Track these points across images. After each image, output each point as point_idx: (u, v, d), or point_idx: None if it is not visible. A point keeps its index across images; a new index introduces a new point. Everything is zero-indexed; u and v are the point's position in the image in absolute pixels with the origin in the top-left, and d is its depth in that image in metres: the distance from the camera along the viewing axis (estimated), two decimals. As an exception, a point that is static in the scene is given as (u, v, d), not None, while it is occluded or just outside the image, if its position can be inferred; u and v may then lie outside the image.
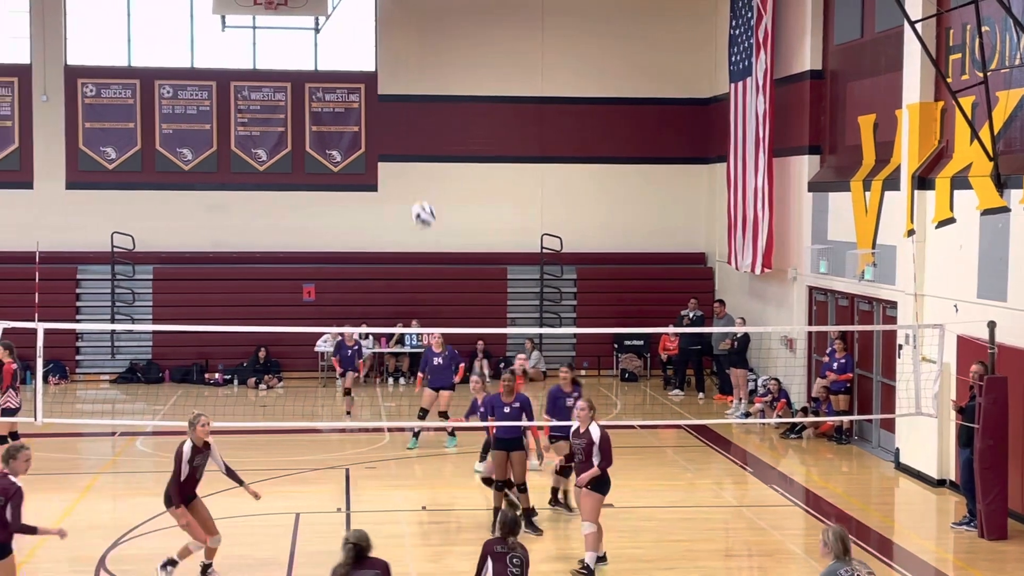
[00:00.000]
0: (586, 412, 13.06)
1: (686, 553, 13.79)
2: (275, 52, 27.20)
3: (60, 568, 13.18)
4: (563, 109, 27.51)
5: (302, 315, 25.68)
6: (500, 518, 10.17)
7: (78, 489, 16.50)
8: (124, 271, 26.26)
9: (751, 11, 23.50)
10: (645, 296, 26.78)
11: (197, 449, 12.58)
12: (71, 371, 25.81)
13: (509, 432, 14.63)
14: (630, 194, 27.75)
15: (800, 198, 22.39)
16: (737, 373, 22.67)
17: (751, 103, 23.53)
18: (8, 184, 26.29)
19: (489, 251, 27.34)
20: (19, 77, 26.32)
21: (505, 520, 10.00)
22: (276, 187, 27.04)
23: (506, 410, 14.72)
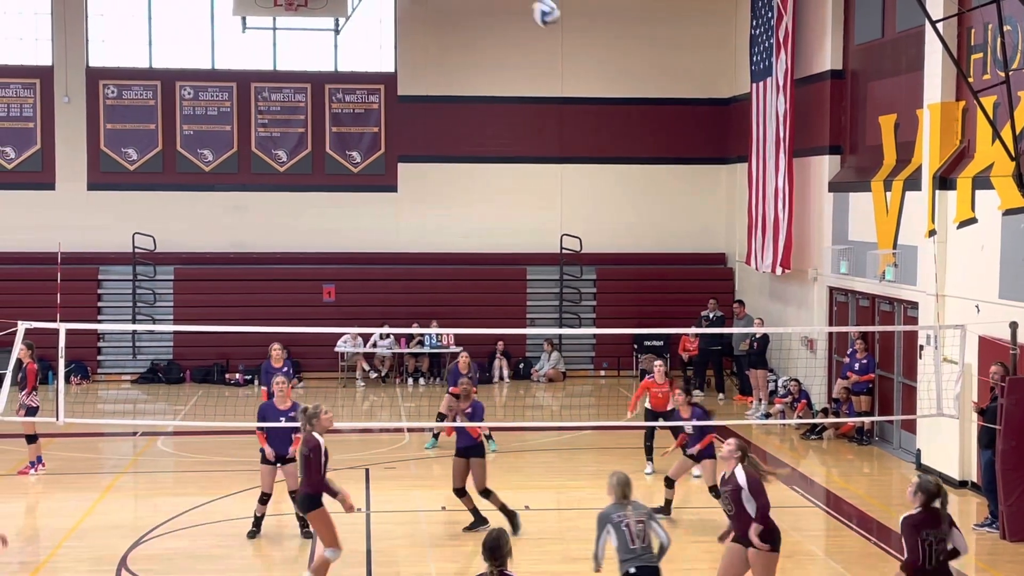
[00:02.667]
0: (732, 453, 10.79)
1: (706, 554, 13.75)
2: (295, 53, 27.28)
3: (81, 567, 13.23)
4: (583, 109, 27.49)
5: (322, 315, 25.73)
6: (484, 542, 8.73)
7: (99, 489, 16.58)
8: (145, 272, 26.37)
9: (771, 11, 23.43)
10: (665, 297, 26.73)
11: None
12: (93, 371, 25.94)
13: (466, 439, 14.32)
14: (650, 194, 27.71)
15: (820, 198, 22.32)
16: (757, 374, 22.61)
17: (771, 103, 23.46)
18: (30, 185, 26.45)
19: (509, 252, 27.35)
20: (41, 79, 26.47)
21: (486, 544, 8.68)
22: (296, 188, 27.11)
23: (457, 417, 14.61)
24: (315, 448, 11.65)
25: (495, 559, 8.54)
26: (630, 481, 9.79)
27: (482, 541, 8.70)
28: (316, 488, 11.68)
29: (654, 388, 17.54)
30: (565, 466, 18.16)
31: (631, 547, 9.48)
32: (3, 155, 26.48)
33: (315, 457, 11.62)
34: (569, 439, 19.92)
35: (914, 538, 9.44)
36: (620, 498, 9.66)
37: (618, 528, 9.54)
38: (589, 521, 14.96)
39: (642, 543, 9.51)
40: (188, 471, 17.50)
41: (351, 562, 13.38)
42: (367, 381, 25.70)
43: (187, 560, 13.46)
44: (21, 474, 17.21)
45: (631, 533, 9.49)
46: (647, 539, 9.55)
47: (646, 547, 9.52)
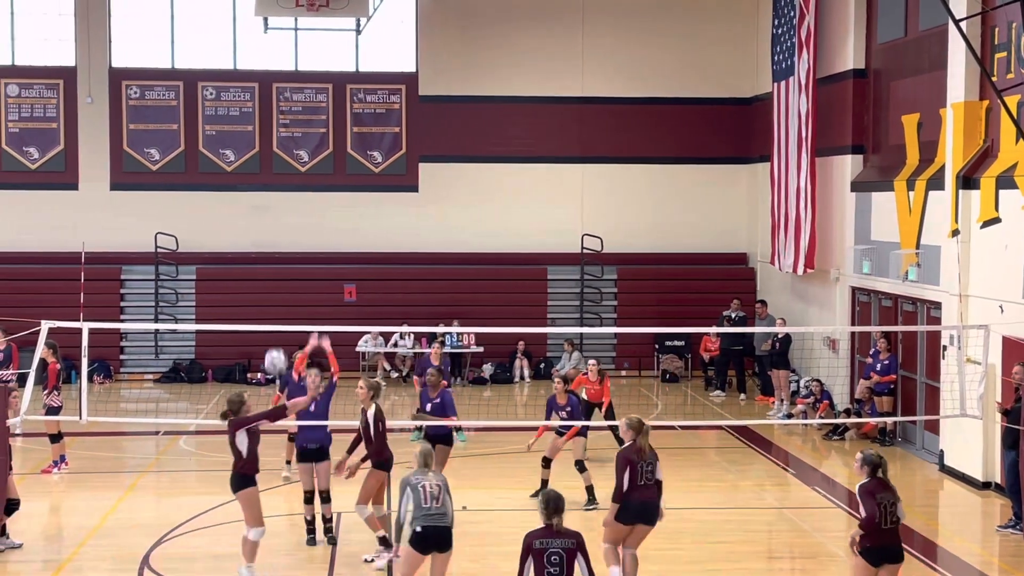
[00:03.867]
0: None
1: (728, 555, 13.73)
2: (317, 54, 27.34)
3: (104, 566, 13.30)
4: (604, 109, 27.46)
5: (343, 315, 25.73)
6: (543, 496, 9.58)
7: (122, 487, 16.65)
8: (167, 271, 26.47)
9: (793, 10, 23.36)
10: (686, 296, 26.68)
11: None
12: (115, 371, 26.06)
13: (435, 427, 15.02)
14: (671, 194, 27.66)
15: (843, 198, 22.23)
16: (779, 374, 22.54)
17: (794, 102, 23.39)
18: (53, 185, 26.60)
19: (530, 251, 27.35)
20: (64, 79, 26.61)
21: (548, 499, 9.45)
22: (318, 188, 27.18)
23: (428, 407, 15.30)
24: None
25: (559, 513, 9.30)
26: (432, 452, 11.06)
27: (545, 498, 9.46)
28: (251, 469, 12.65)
29: (587, 383, 18.53)
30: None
31: (424, 505, 10.55)
32: (27, 155, 26.63)
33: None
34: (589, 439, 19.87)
35: (872, 501, 10.52)
36: (421, 466, 10.85)
37: (415, 489, 10.62)
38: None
39: (437, 504, 10.56)
40: (210, 470, 17.54)
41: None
42: (388, 380, 25.73)
43: (209, 559, 13.50)
44: (44, 473, 17.30)
45: (426, 493, 10.58)
46: (443, 503, 10.62)
47: (441, 508, 10.57)
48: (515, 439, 18.92)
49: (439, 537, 10.63)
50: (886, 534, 10.55)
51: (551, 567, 9.17)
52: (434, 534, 10.60)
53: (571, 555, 9.21)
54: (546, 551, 9.22)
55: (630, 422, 11.75)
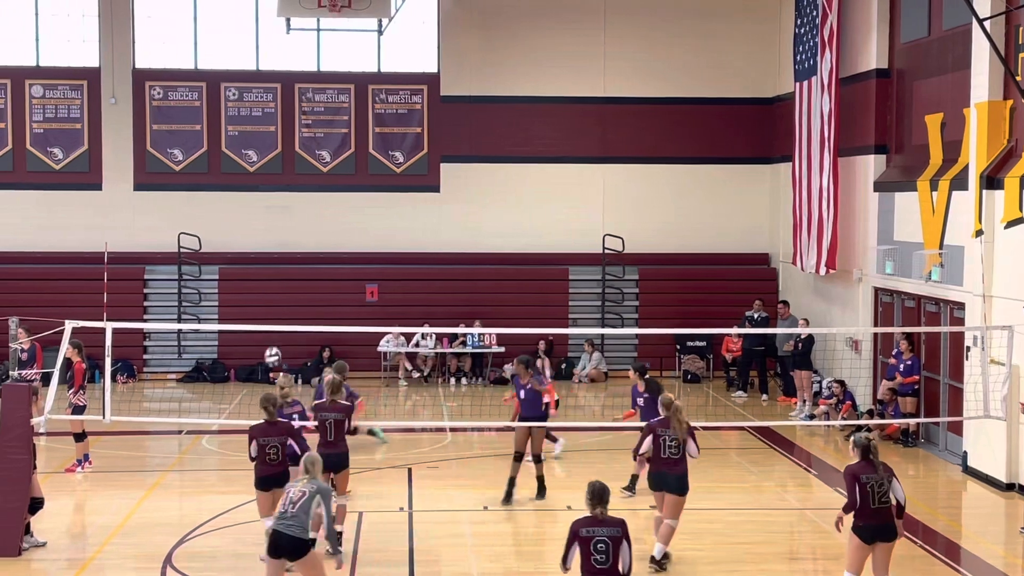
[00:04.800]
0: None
1: (749, 556, 13.70)
2: (339, 54, 27.41)
3: (127, 564, 13.37)
4: (625, 109, 27.43)
5: (365, 315, 25.81)
6: (589, 487, 9.86)
7: (145, 486, 16.73)
8: (190, 271, 26.58)
9: (816, 10, 23.29)
10: (708, 297, 26.62)
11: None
12: (139, 370, 26.18)
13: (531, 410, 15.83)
14: (693, 194, 27.62)
15: (866, 198, 22.15)
16: (801, 375, 22.47)
17: (816, 102, 23.32)
18: (78, 185, 26.74)
19: (551, 252, 27.34)
20: (88, 80, 26.76)
21: (594, 490, 9.78)
22: (339, 188, 27.24)
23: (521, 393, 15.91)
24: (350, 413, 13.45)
25: (604, 503, 9.65)
26: (318, 461, 11.10)
27: (593, 489, 9.73)
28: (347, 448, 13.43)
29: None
30: (606, 467, 18.09)
31: (281, 511, 10.66)
32: (51, 156, 26.79)
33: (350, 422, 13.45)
34: (610, 439, 19.90)
35: (854, 482, 11.05)
36: (303, 473, 10.93)
37: (284, 494, 10.83)
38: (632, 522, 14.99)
39: (294, 509, 10.56)
40: (232, 469, 17.62)
41: (394, 561, 13.44)
42: (409, 381, 25.78)
43: (231, 558, 13.55)
44: (68, 472, 17.40)
45: (287, 498, 10.69)
46: (302, 508, 10.58)
47: (297, 515, 10.55)
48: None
49: (288, 544, 10.53)
50: (877, 513, 10.98)
51: (597, 554, 9.46)
52: (282, 540, 10.54)
53: (616, 542, 9.54)
54: (593, 539, 9.52)
55: (663, 399, 13.27)
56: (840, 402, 21.19)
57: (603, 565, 9.47)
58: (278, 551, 10.56)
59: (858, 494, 10.96)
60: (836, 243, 22.62)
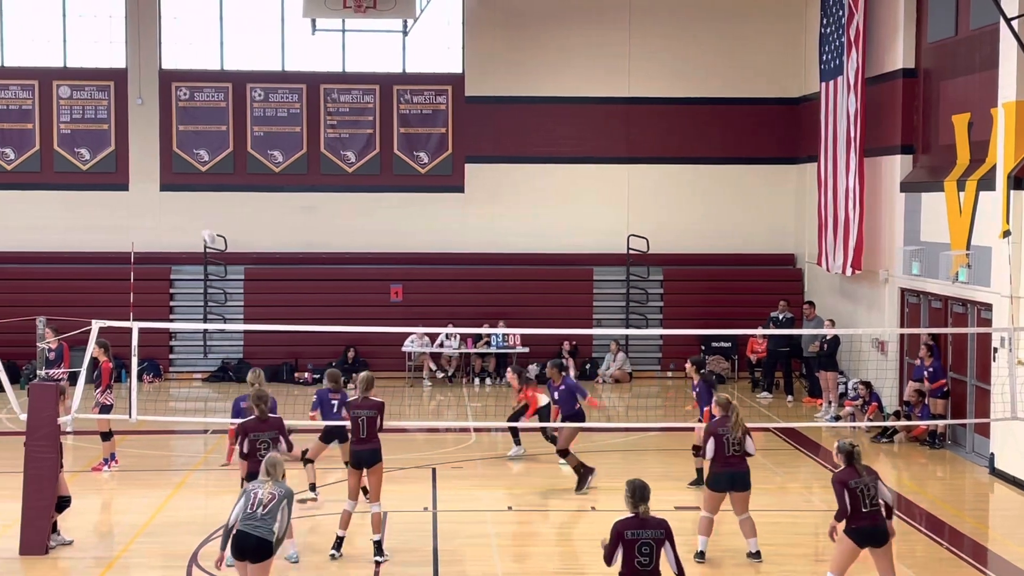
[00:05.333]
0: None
1: (775, 557, 13.66)
2: (364, 55, 27.47)
3: (153, 563, 13.43)
4: (650, 109, 27.39)
5: (389, 315, 25.87)
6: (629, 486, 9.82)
7: (170, 485, 16.80)
8: (216, 271, 26.69)
9: (842, 9, 23.19)
10: (733, 297, 26.55)
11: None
12: (165, 370, 26.30)
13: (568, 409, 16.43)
14: (718, 195, 27.54)
15: (892, 198, 22.04)
16: (827, 376, 22.37)
17: (842, 102, 23.22)
18: (104, 186, 26.90)
19: (575, 252, 27.32)
20: (115, 81, 26.91)
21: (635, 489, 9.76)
22: (364, 189, 27.30)
23: (555, 395, 16.46)
24: (382, 410, 13.35)
25: (645, 500, 9.68)
26: (280, 463, 10.82)
27: (633, 487, 9.75)
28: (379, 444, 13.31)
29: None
30: (631, 468, 18.04)
31: (249, 511, 10.45)
32: (79, 156, 26.95)
33: (382, 419, 13.29)
34: (635, 440, 19.86)
35: (843, 489, 11.14)
36: (264, 475, 10.73)
37: (247, 495, 10.55)
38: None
39: (263, 511, 10.41)
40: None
41: (418, 561, 13.46)
42: (434, 381, 25.82)
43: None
44: (95, 471, 17.50)
45: (255, 500, 10.46)
46: (272, 512, 10.44)
47: (265, 517, 10.41)
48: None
49: (254, 545, 10.41)
50: (867, 516, 11.13)
51: (641, 556, 9.54)
52: (249, 542, 10.42)
53: (659, 544, 9.64)
54: (637, 542, 9.56)
55: (720, 399, 13.54)
56: (866, 403, 21.09)
57: (646, 568, 9.57)
58: (243, 552, 10.44)
59: (848, 500, 11.12)
60: (862, 244, 22.52)
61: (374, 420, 13.27)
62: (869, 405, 21.00)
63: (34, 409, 13.74)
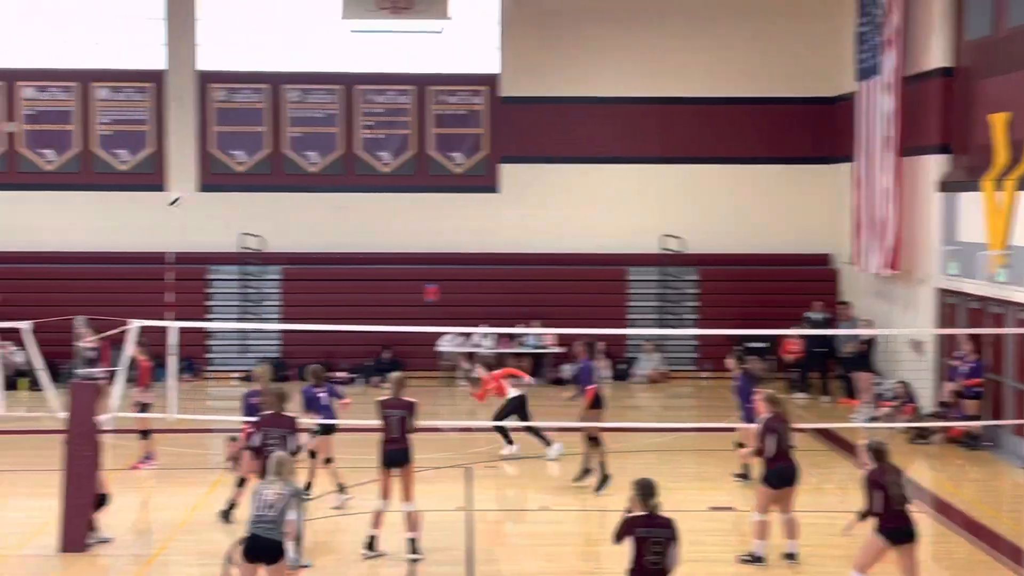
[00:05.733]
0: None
1: (810, 558, 13.61)
2: (399, 56, 27.56)
3: (189, 560, 13.56)
4: (685, 109, 27.33)
5: (424, 315, 25.94)
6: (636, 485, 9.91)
7: (208, 484, 16.93)
8: (253, 271, 26.86)
9: (879, 8, 23.06)
10: (768, 298, 26.44)
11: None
12: (202, 369, 26.50)
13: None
14: (753, 194, 27.45)
15: (929, 198, 21.90)
16: (863, 377, 22.25)
17: (879, 102, 23.09)
18: (143, 187, 27.14)
19: (610, 252, 27.30)
20: (154, 83, 27.13)
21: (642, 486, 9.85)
22: (399, 189, 27.40)
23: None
24: (412, 409, 13.37)
25: (654, 495, 9.77)
26: (287, 461, 10.87)
27: (639, 485, 9.81)
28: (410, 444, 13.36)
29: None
30: (666, 468, 18.06)
31: (258, 514, 10.48)
32: (117, 157, 27.20)
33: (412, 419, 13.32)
34: (670, 441, 19.84)
35: (877, 488, 11.16)
36: (272, 474, 10.74)
37: (255, 496, 10.64)
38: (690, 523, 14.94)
39: (271, 513, 10.44)
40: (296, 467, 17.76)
41: (452, 560, 13.51)
42: (468, 381, 25.85)
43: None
44: (133, 469, 17.67)
45: (262, 501, 10.51)
46: (280, 513, 10.44)
47: (275, 519, 10.43)
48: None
49: (266, 547, 10.44)
50: (900, 515, 11.20)
51: (651, 555, 9.67)
52: (260, 544, 10.44)
53: (669, 542, 9.74)
54: (648, 540, 9.68)
55: (770, 395, 13.63)
56: (903, 404, 20.98)
57: (656, 566, 9.68)
58: (256, 555, 10.43)
59: (881, 499, 11.13)
60: (899, 244, 22.39)
61: (404, 420, 13.34)
62: (906, 406, 20.88)
63: (74, 408, 13.89)
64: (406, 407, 13.44)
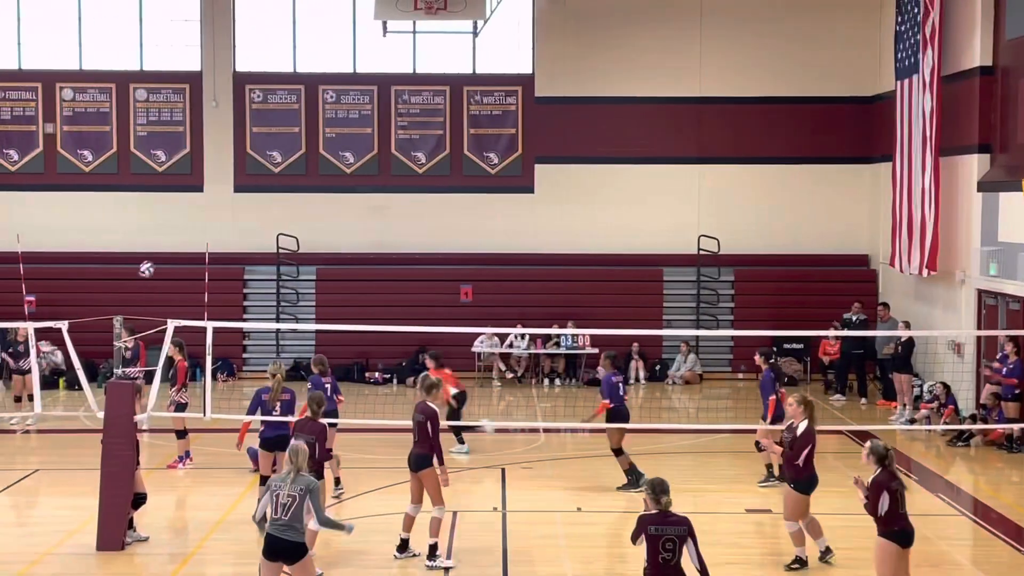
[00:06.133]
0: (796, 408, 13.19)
1: (847, 561, 13.49)
2: (434, 56, 27.59)
3: (227, 560, 13.59)
4: (722, 109, 27.20)
5: (459, 315, 25.91)
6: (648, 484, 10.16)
7: (244, 483, 16.98)
8: (289, 272, 26.96)
9: (918, 6, 22.87)
10: (805, 299, 26.28)
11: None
12: (238, 368, 26.62)
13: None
14: (790, 195, 27.29)
15: (969, 198, 21.69)
16: (901, 378, 22.06)
17: (917, 101, 22.89)
18: (180, 187, 27.31)
19: (645, 252, 27.22)
20: (191, 84, 27.29)
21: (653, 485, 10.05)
22: (434, 189, 27.43)
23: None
24: (432, 416, 13.19)
25: (666, 493, 9.92)
26: (302, 451, 10.79)
27: (651, 484, 10.03)
28: (430, 450, 13.12)
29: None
30: (702, 469, 17.99)
31: (274, 516, 10.53)
32: (154, 158, 27.38)
33: (433, 424, 13.17)
34: (706, 442, 19.74)
35: (883, 491, 10.96)
36: (288, 463, 10.75)
37: (271, 495, 10.64)
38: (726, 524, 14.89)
39: (285, 515, 10.46)
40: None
41: (487, 561, 13.48)
42: (503, 381, 25.86)
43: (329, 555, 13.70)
44: (170, 468, 17.76)
45: (277, 503, 10.53)
46: (292, 513, 10.47)
47: (291, 522, 10.47)
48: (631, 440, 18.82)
49: (283, 548, 10.50)
50: (905, 518, 11.12)
51: (665, 552, 9.80)
52: (277, 545, 10.51)
53: (682, 540, 9.85)
54: (661, 537, 9.82)
55: (801, 398, 13.25)
56: (942, 406, 20.78)
57: (669, 563, 9.83)
58: (275, 555, 10.54)
59: (888, 501, 11.00)
60: (938, 244, 22.18)
61: (423, 425, 13.23)
62: (945, 408, 20.68)
63: (111, 407, 13.97)
64: (423, 413, 13.30)
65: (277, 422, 14.58)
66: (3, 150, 27.32)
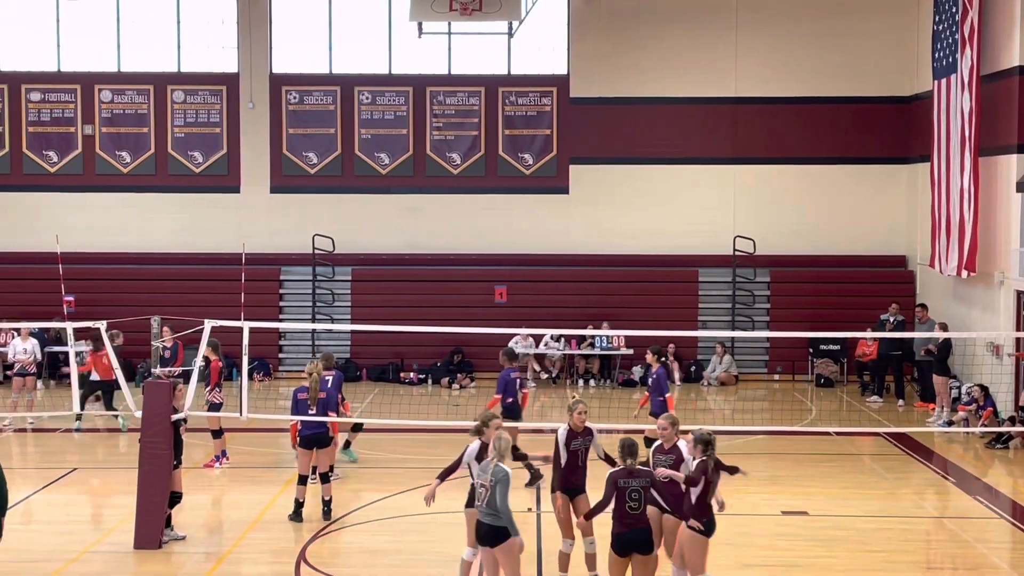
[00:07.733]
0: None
1: (884, 564, 13.39)
2: (469, 57, 27.63)
3: (262, 559, 13.66)
4: (757, 109, 27.08)
5: (494, 316, 25.92)
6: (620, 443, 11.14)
7: (280, 482, 17.04)
8: (324, 272, 27.07)
9: (956, 5, 22.68)
10: (842, 300, 26.11)
11: (573, 434, 12.90)
12: (274, 368, 26.75)
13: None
14: (827, 195, 27.13)
15: (1008, 198, 21.49)
16: (939, 380, 21.88)
17: (956, 101, 22.70)
18: (217, 188, 27.47)
19: (681, 253, 27.13)
20: (227, 85, 27.45)
21: (624, 446, 11.05)
22: (469, 190, 27.45)
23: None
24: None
25: (633, 455, 11.06)
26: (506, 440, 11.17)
27: (622, 444, 11.12)
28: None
29: None
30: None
31: (478, 503, 11.11)
32: (192, 159, 27.56)
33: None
34: (741, 444, 19.65)
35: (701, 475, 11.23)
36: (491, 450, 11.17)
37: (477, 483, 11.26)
38: (762, 526, 14.80)
39: (484, 504, 10.99)
40: (364, 467, 17.88)
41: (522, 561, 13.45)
42: (538, 382, 25.85)
43: (363, 554, 13.75)
44: (207, 467, 17.86)
45: (477, 492, 11.15)
46: (489, 502, 10.94)
47: (487, 509, 10.97)
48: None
49: (487, 533, 11.01)
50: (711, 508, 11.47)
51: (631, 502, 11.02)
52: (482, 529, 11.06)
53: (646, 491, 11.09)
54: (628, 489, 11.03)
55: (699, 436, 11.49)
56: (980, 408, 20.60)
57: (635, 511, 11.00)
58: (482, 539, 11.09)
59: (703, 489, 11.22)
60: (976, 245, 21.99)
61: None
62: (984, 410, 20.50)
63: (148, 406, 14.06)
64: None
65: (315, 421, 14.65)
66: (43, 152, 27.60)
